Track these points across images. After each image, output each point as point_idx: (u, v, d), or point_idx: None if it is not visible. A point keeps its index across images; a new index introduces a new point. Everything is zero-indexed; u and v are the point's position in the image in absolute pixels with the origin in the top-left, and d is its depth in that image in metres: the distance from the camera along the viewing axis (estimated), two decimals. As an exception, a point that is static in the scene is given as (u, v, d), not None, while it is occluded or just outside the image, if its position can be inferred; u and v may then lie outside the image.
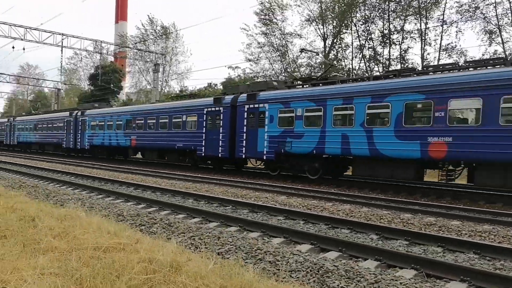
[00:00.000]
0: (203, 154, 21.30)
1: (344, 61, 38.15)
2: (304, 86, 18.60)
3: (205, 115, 21.31)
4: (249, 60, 42.23)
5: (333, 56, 38.04)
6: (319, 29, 38.31)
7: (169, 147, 23.57)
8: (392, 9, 34.17)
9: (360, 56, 36.63)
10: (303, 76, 32.81)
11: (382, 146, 14.14)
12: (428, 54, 33.85)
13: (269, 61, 41.63)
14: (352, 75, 31.68)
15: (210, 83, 46.96)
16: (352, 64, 37.31)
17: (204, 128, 21.28)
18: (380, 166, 14.76)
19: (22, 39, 36.44)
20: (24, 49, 38.17)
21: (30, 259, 4.51)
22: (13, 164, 23.36)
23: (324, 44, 38.04)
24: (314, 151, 16.22)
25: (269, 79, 39.73)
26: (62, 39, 38.42)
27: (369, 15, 35.36)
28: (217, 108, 20.73)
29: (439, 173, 14.41)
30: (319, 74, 26.65)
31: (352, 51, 37.29)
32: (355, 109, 14.99)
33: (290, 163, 17.83)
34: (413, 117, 13.97)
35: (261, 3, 39.66)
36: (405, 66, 32.04)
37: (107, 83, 49.46)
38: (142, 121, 25.85)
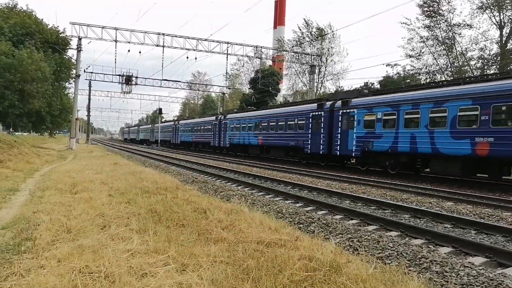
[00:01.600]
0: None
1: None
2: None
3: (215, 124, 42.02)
4: (410, 56, 39.72)
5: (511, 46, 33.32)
6: (494, 16, 34.00)
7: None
8: None
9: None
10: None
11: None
12: None
13: (433, 56, 38.49)
14: None
15: (367, 82, 45.73)
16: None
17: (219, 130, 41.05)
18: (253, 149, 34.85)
19: (194, 50, 40.92)
20: (196, 58, 42.52)
21: (203, 247, 4.99)
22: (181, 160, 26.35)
23: (501, 33, 33.57)
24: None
25: (433, 75, 36.91)
26: (227, 47, 41.97)
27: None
28: (214, 122, 41.80)
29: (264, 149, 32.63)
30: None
31: (536, 40, 32.15)
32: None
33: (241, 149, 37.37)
34: (255, 128, 32.49)
35: (426, -6, 36.89)
36: None
37: (266, 86, 52.12)
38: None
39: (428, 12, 37.41)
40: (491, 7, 33.84)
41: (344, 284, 3.93)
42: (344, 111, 21.93)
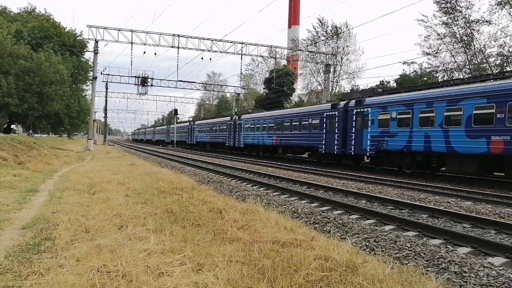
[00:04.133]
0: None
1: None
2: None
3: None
4: (427, 54, 39.18)
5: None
6: (513, 12, 33.36)
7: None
8: None
9: None
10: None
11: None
12: None
13: (451, 53, 37.90)
14: None
15: (382, 81, 45.31)
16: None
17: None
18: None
19: (209, 50, 41.03)
20: (210, 59, 42.56)
21: (219, 247, 5.00)
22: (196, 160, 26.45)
23: (519, 28, 32.93)
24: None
25: (450, 73, 36.44)
26: (242, 48, 41.94)
27: None
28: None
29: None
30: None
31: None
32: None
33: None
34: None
35: (443, -10, 36.35)
36: None
37: (281, 86, 52.01)
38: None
39: (446, 9, 36.85)
40: (510, 2, 33.19)
41: (361, 284, 3.90)
42: None
